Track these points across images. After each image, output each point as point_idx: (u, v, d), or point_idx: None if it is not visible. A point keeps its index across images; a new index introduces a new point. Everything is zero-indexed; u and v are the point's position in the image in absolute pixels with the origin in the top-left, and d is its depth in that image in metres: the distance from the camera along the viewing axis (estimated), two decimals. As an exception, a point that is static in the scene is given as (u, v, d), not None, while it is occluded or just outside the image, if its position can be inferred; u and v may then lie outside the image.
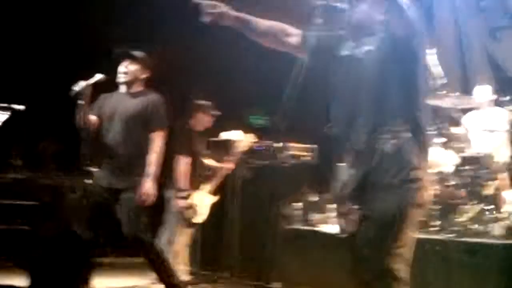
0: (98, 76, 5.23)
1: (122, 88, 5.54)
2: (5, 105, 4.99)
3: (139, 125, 5.37)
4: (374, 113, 3.30)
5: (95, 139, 5.45)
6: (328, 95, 3.60)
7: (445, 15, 9.27)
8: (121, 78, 5.44)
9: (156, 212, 7.27)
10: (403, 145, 3.21)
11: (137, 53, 5.48)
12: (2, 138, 4.88)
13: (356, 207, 3.32)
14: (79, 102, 5.13)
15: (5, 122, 4.87)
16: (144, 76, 5.50)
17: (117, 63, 5.49)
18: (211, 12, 3.50)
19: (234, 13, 3.58)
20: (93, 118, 5.43)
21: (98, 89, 5.43)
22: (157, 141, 5.38)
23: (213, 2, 3.53)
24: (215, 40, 9.19)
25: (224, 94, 9.24)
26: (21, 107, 5.10)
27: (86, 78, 5.21)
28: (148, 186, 5.29)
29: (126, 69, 5.43)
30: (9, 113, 4.98)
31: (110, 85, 5.52)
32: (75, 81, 5.19)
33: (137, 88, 5.50)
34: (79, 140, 5.45)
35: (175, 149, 6.93)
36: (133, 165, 5.37)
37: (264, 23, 3.66)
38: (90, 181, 5.52)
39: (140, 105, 5.41)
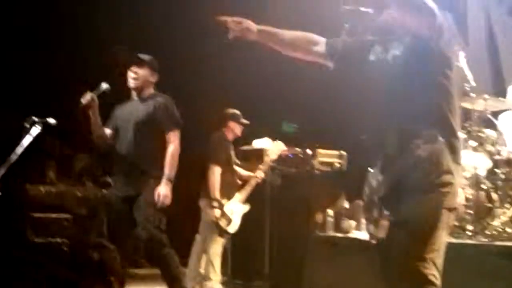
0: (104, 86, 5.21)
1: (134, 94, 5.55)
2: (38, 119, 5.03)
3: (152, 129, 5.36)
4: (405, 117, 3.28)
5: (113, 150, 5.46)
6: (358, 101, 3.61)
7: (477, 15, 9.19)
8: (131, 83, 5.44)
9: (192, 221, 7.35)
10: (435, 149, 3.18)
11: (145, 57, 5.47)
12: (35, 151, 4.92)
13: (387, 212, 3.31)
14: (89, 113, 5.15)
15: (37, 136, 4.92)
16: (153, 79, 5.48)
17: (125, 69, 5.48)
18: (235, 29, 3.52)
19: (257, 26, 3.59)
20: (107, 131, 5.47)
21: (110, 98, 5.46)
22: (172, 142, 5.34)
23: (237, 19, 3.55)
24: (246, 48, 9.27)
25: (254, 102, 9.28)
26: (53, 120, 5.15)
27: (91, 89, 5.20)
28: (164, 187, 5.27)
29: (135, 74, 5.42)
30: (41, 126, 5.02)
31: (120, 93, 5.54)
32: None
33: (147, 92, 5.48)
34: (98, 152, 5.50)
35: (208, 159, 6.97)
36: (149, 170, 5.35)
37: (289, 34, 3.65)
38: (107, 191, 5.53)
39: (150, 109, 5.39)
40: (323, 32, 3.65)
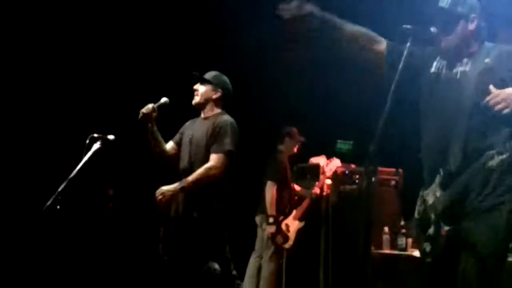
0: (163, 100, 5.24)
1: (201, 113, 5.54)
2: (97, 135, 5.12)
3: (204, 150, 5.27)
4: (472, 133, 3.26)
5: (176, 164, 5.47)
6: (415, 116, 3.61)
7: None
8: (193, 99, 5.44)
9: (248, 238, 7.41)
10: (506, 162, 3.16)
11: (206, 74, 5.47)
12: (94, 168, 5.01)
13: (446, 228, 3.28)
14: (147, 125, 5.19)
15: (96, 152, 5.00)
16: (215, 96, 5.43)
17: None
18: (289, 8, 3.52)
19: (321, 12, 3.60)
20: (170, 144, 5.50)
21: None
22: (209, 162, 5.17)
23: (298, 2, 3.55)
24: (303, 65, 9.32)
25: (311, 119, 9.29)
26: (112, 136, 5.23)
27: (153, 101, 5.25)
28: (168, 187, 5.18)
29: (197, 91, 5.42)
30: (101, 142, 5.11)
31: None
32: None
33: (211, 111, 5.44)
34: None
35: (266, 175, 7.02)
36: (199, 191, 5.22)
37: (352, 27, 3.66)
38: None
39: (205, 129, 5.30)
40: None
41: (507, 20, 8.97)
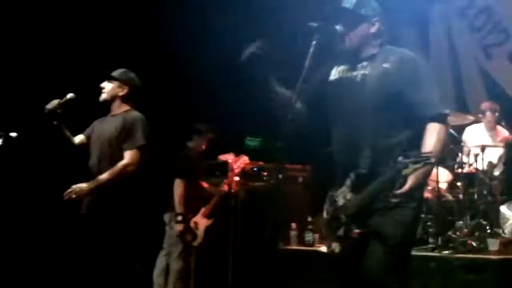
0: (69, 95, 5.09)
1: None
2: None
3: (113, 147, 5.25)
4: (376, 137, 3.32)
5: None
6: (322, 118, 3.64)
7: (439, 29, 9.34)
8: (100, 96, 5.35)
9: (157, 236, 7.32)
10: (402, 166, 3.20)
11: (114, 72, 5.39)
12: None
13: (356, 231, 3.32)
14: (54, 121, 5.06)
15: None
16: (121, 93, 5.36)
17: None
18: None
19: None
20: (79, 137, 5.40)
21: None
22: (125, 159, 5.11)
23: None
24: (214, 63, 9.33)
25: (220, 117, 9.29)
26: (14, 134, 5.09)
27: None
28: (83, 186, 5.05)
29: (104, 88, 5.35)
30: (2, 140, 4.95)
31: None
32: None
33: (118, 108, 5.37)
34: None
35: (174, 173, 6.96)
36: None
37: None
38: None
39: (114, 126, 5.22)
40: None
41: (407, 23, 9.34)
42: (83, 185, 5.05)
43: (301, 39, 3.36)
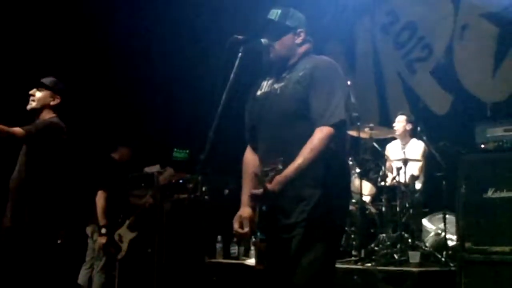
0: None
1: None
2: None
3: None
4: (289, 147, 3.31)
5: None
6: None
7: (365, 45, 9.49)
8: (29, 104, 5.19)
9: (78, 248, 7.19)
10: (316, 195, 3.23)
11: (45, 80, 5.23)
12: None
13: (261, 238, 3.31)
14: None
15: None
16: (53, 103, 5.21)
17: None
18: None
19: None
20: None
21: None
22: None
23: None
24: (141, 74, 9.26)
25: (146, 128, 9.22)
26: None
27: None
28: None
29: (33, 96, 5.18)
30: None
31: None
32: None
33: (44, 115, 5.21)
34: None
35: (97, 184, 6.85)
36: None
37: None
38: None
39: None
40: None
41: (334, 39, 9.48)
42: None
43: (227, 51, 3.35)
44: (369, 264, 6.16)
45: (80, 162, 5.39)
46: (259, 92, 3.59)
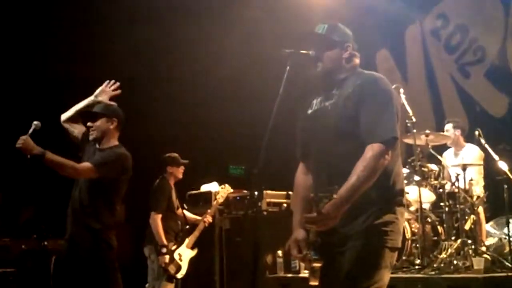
0: (34, 124, 4.77)
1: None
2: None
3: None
4: (339, 164, 3.28)
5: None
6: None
7: (416, 51, 9.42)
8: (90, 136, 5.26)
9: (139, 269, 7.25)
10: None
11: (97, 108, 5.29)
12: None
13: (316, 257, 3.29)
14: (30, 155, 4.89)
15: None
16: (112, 126, 5.28)
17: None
18: None
19: None
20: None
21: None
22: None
23: None
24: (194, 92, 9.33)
25: (202, 146, 9.28)
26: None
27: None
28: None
29: (92, 127, 5.23)
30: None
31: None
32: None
33: (107, 143, 5.27)
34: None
35: (150, 206, 6.91)
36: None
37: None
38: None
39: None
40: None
41: (383, 48, 9.44)
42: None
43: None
44: (433, 273, 6.05)
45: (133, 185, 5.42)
46: (310, 110, 3.58)
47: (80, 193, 5.06)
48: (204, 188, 8.16)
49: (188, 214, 7.33)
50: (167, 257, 6.82)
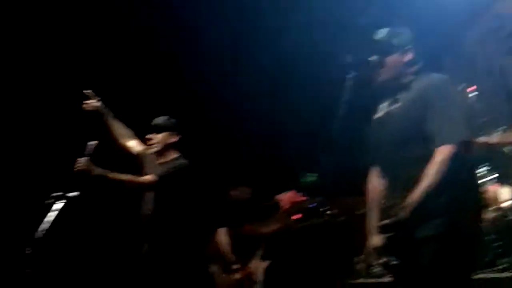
0: (90, 145, 4.88)
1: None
2: (57, 194, 4.99)
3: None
4: (407, 168, 3.30)
5: None
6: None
7: (482, 53, 9.24)
8: (152, 149, 5.37)
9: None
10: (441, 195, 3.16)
11: (158, 121, 5.41)
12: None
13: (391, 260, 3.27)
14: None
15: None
16: (173, 140, 5.38)
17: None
18: None
19: None
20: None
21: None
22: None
23: None
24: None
25: (275, 154, 9.30)
26: (74, 193, 5.08)
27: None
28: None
29: (151, 139, 5.34)
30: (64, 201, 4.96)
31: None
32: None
33: (168, 155, 5.40)
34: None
35: (216, 223, 6.94)
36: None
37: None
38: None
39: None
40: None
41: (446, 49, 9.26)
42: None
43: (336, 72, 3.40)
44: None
45: (199, 200, 5.49)
46: (377, 116, 3.59)
47: (145, 205, 5.18)
48: (279, 198, 8.17)
49: (258, 225, 7.32)
50: (240, 272, 6.80)
